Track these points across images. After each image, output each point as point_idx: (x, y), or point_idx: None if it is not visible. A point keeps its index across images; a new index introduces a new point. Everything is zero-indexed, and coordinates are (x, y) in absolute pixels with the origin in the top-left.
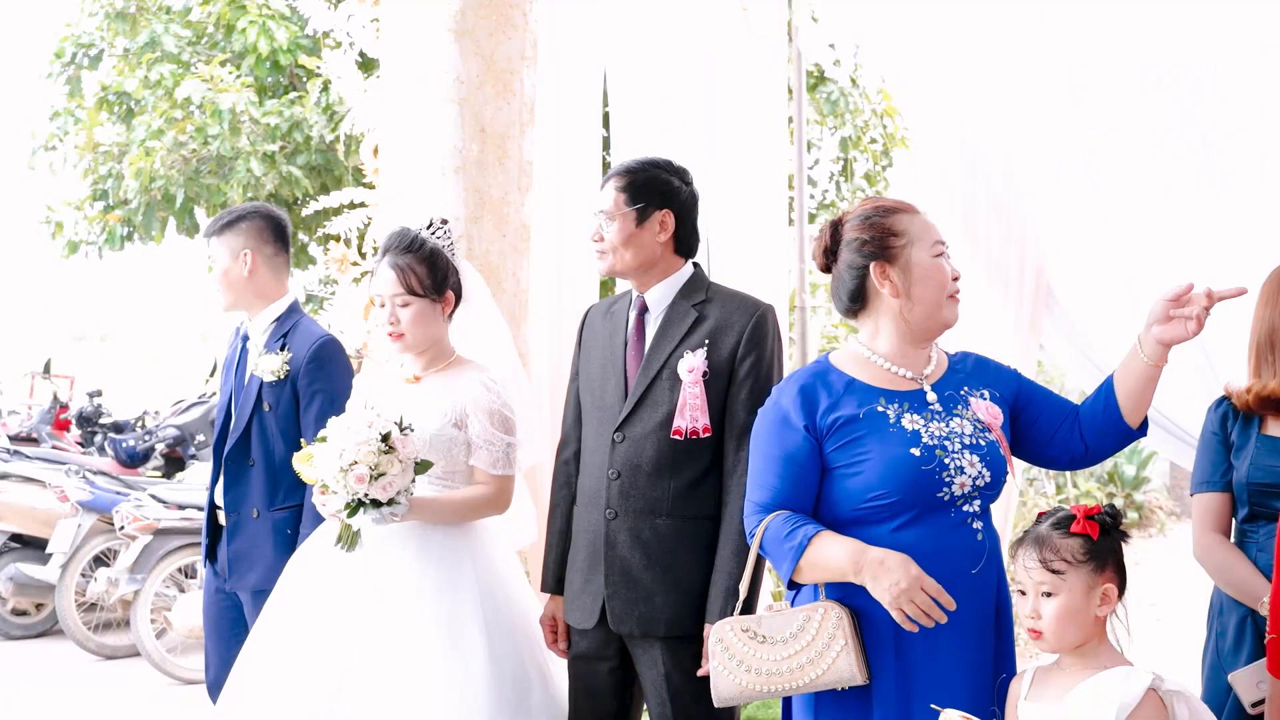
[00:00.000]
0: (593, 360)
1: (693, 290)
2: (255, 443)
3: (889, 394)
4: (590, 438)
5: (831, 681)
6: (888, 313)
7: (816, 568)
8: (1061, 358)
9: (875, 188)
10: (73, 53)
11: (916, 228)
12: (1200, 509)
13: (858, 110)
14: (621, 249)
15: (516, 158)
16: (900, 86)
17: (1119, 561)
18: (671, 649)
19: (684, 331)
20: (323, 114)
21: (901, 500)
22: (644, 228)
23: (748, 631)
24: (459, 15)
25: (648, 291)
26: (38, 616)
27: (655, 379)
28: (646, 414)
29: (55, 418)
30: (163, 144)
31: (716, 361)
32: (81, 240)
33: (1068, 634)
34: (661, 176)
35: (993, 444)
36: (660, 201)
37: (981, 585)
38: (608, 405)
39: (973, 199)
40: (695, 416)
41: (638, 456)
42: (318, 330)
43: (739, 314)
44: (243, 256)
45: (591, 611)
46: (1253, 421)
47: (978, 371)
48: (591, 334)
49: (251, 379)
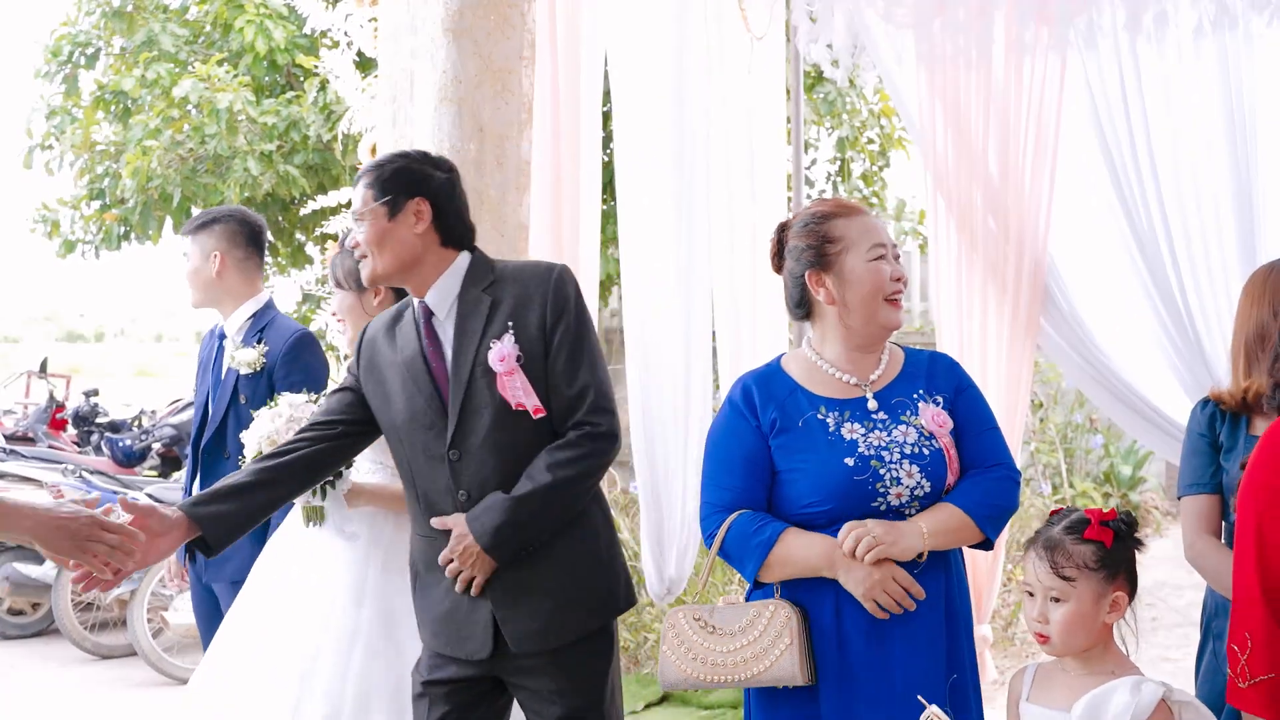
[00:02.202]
0: (390, 384)
1: (478, 277)
2: (231, 435)
3: (830, 402)
4: (417, 462)
5: (773, 679)
6: (830, 319)
7: (786, 564)
8: (1058, 358)
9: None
10: (69, 51)
11: (854, 232)
12: (1190, 511)
13: (855, 111)
14: (376, 249)
15: (514, 157)
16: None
17: (1131, 569)
18: (560, 660)
19: (483, 322)
20: (320, 113)
21: (836, 508)
22: (397, 220)
23: (699, 620)
24: (457, 15)
25: (426, 294)
26: (34, 616)
27: (470, 381)
28: (474, 422)
29: (51, 417)
30: (160, 143)
31: (527, 341)
32: (78, 239)
33: (1075, 640)
34: (410, 165)
35: (936, 453)
36: (410, 190)
37: (923, 582)
38: (427, 424)
39: (969, 199)
40: (522, 404)
41: (481, 468)
42: (293, 325)
43: (535, 284)
44: (213, 257)
45: (485, 642)
46: (1240, 422)
47: (935, 374)
48: (378, 356)
49: (229, 372)
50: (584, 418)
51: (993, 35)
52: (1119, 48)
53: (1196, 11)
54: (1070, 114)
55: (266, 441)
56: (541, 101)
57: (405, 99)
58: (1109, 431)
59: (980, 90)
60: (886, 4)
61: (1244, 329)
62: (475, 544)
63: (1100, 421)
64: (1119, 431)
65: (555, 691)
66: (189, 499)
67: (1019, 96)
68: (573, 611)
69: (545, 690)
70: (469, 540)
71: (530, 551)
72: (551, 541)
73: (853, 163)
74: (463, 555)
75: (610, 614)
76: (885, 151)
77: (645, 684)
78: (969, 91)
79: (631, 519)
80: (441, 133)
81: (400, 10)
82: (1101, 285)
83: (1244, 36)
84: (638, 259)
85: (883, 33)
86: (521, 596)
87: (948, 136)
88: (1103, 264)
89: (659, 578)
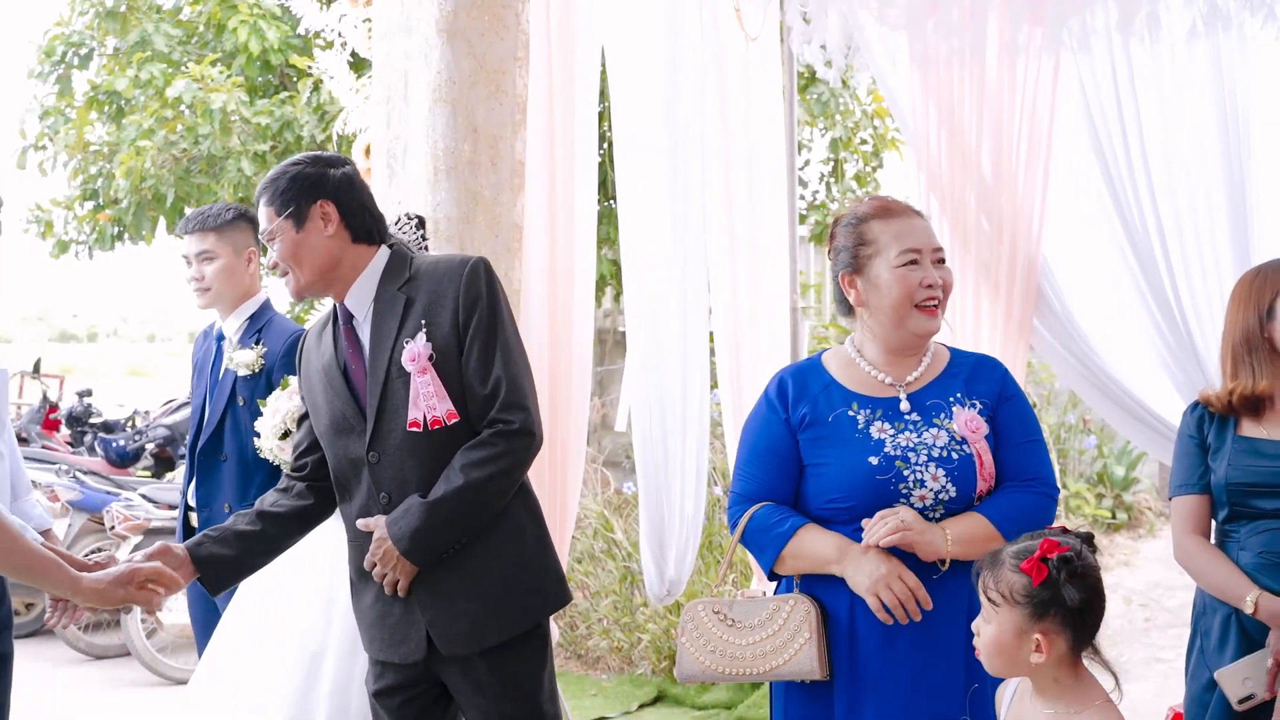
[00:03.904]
0: (316, 390)
1: (395, 273)
2: (228, 437)
3: (863, 399)
4: (341, 467)
5: (791, 673)
6: (866, 320)
7: (799, 558)
8: (1051, 359)
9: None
10: (63, 51)
11: (887, 235)
12: (1180, 512)
13: (848, 111)
14: (294, 263)
15: (509, 158)
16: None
17: (1069, 615)
18: (492, 660)
19: (398, 321)
20: (314, 114)
21: (858, 506)
22: (307, 230)
23: (719, 614)
24: (451, 15)
25: (346, 298)
26: (28, 616)
27: (386, 382)
28: (391, 423)
29: (45, 417)
30: (153, 143)
31: (440, 340)
32: (71, 240)
33: (994, 665)
34: (302, 171)
35: (965, 458)
36: (311, 194)
37: (945, 591)
38: (347, 429)
39: (962, 200)
40: (431, 406)
41: (400, 470)
42: (292, 326)
43: (447, 280)
44: (246, 254)
45: (419, 644)
46: (1228, 424)
47: (976, 378)
48: (308, 364)
49: (226, 374)
50: (497, 415)
51: (986, 36)
52: (1112, 49)
53: (1190, 13)
54: (1063, 115)
55: (289, 418)
56: (536, 102)
57: (399, 100)
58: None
59: (973, 91)
60: (880, 5)
61: (1231, 332)
62: (394, 547)
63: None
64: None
65: (490, 692)
66: (194, 538)
67: (1012, 97)
68: (502, 612)
69: (480, 691)
70: (388, 544)
71: (452, 553)
72: (476, 542)
73: (846, 164)
74: (384, 558)
75: (540, 613)
76: (879, 152)
77: (639, 684)
78: (962, 92)
79: (625, 519)
80: (435, 133)
81: (394, 11)
82: (1095, 286)
83: (1237, 37)
84: (636, 259)
85: (876, 34)
86: (448, 599)
87: (941, 137)
88: (1096, 265)
89: (659, 578)
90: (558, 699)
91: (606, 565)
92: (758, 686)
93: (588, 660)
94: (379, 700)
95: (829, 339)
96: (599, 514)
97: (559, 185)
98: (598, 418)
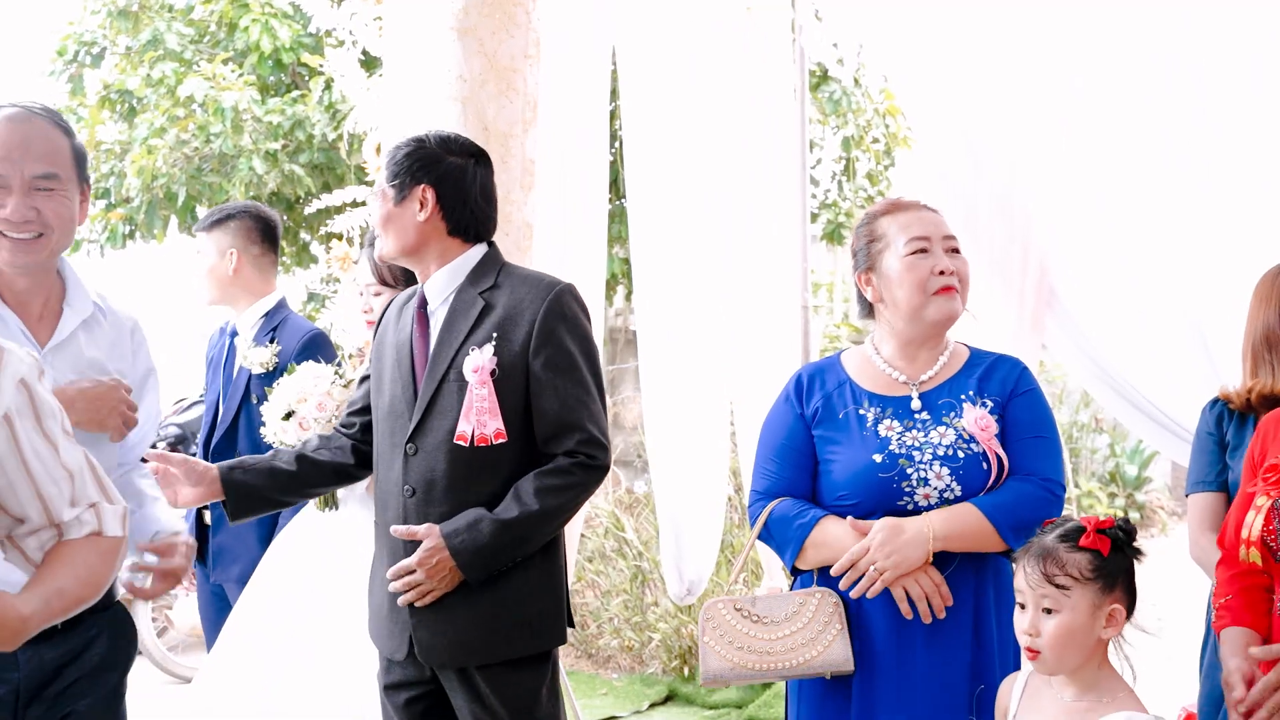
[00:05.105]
0: (386, 362)
1: (481, 276)
2: (242, 435)
3: (875, 397)
4: (383, 447)
5: (824, 665)
6: (884, 317)
7: (821, 548)
8: (1064, 357)
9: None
10: (75, 51)
11: (895, 229)
12: (1196, 509)
13: (860, 109)
14: (383, 230)
15: (519, 156)
16: (902, 86)
17: (1129, 581)
18: (488, 673)
19: (470, 325)
20: (325, 112)
21: (864, 503)
22: (402, 206)
23: (741, 611)
24: (462, 13)
25: (427, 282)
26: None
27: (442, 382)
28: (436, 422)
29: None
30: (165, 142)
31: (507, 357)
32: (83, 238)
33: (1067, 656)
34: (423, 150)
35: (972, 457)
36: (416, 177)
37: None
38: (398, 413)
39: (975, 198)
40: (483, 421)
41: (431, 471)
42: (306, 324)
43: (529, 300)
44: (229, 255)
45: (402, 644)
46: (1248, 421)
47: (990, 376)
48: (385, 331)
49: (240, 371)
50: (578, 447)
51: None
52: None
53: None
54: (1076, 110)
55: (297, 400)
56: (547, 100)
57: (410, 98)
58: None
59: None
60: (892, 3)
61: (1251, 330)
62: (450, 560)
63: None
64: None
65: (486, 703)
66: (227, 463)
67: (1022, 96)
68: (489, 636)
69: (477, 699)
70: (444, 555)
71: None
72: None
73: (858, 162)
74: (433, 569)
75: (526, 648)
76: (890, 150)
77: (650, 683)
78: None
79: (637, 518)
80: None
81: (405, 9)
82: (1108, 285)
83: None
84: (647, 257)
85: (888, 32)
86: (435, 608)
87: (952, 135)
88: (1109, 264)
89: (679, 578)
90: (558, 707)
91: (617, 564)
92: (768, 686)
93: (598, 659)
94: (387, 695)
95: (840, 338)
96: (610, 513)
97: (570, 184)
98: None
